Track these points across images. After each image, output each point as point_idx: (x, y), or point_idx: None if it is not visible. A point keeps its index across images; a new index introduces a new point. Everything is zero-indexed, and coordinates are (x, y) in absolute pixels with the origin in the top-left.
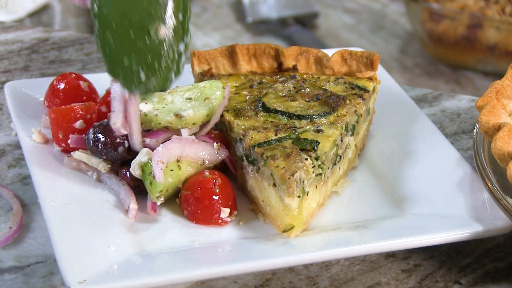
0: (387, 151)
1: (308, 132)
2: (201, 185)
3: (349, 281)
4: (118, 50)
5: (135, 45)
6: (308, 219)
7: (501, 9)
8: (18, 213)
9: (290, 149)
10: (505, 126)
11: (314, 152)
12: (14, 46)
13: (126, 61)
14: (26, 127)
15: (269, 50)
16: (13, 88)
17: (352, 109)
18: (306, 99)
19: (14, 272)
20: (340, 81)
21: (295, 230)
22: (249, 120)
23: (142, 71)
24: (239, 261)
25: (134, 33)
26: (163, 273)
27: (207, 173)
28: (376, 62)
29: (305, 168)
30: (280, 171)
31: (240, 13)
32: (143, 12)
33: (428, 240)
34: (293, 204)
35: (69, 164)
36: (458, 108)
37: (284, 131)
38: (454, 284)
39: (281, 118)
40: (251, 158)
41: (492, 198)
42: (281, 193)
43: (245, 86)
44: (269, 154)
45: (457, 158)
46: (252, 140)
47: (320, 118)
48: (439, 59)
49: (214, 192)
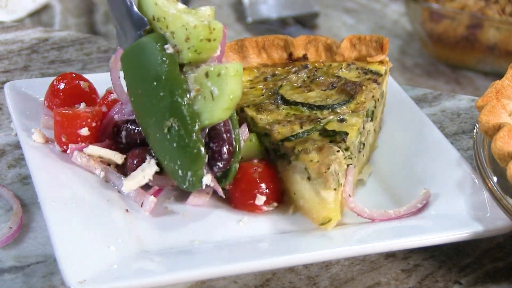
0: (387, 151)
1: (332, 122)
2: (244, 169)
3: (349, 281)
4: (159, 154)
5: (164, 146)
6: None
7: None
8: (18, 213)
9: (320, 142)
10: (505, 126)
11: (344, 143)
12: (14, 46)
13: (166, 162)
14: (26, 127)
15: (278, 41)
16: (13, 88)
17: (369, 94)
18: (322, 88)
19: (14, 272)
20: (352, 67)
21: (333, 222)
22: (271, 114)
23: (178, 168)
24: (239, 261)
25: (159, 134)
26: (163, 273)
27: (255, 160)
28: (386, 45)
29: (338, 160)
30: (315, 165)
31: (240, 13)
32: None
33: (428, 240)
34: (329, 197)
35: (78, 160)
36: (458, 108)
37: (308, 123)
38: (454, 284)
39: (303, 110)
40: (280, 152)
41: (492, 198)
42: (317, 187)
43: (259, 79)
44: (300, 149)
45: (457, 158)
46: (279, 134)
47: (341, 107)
48: (439, 59)
49: (253, 178)
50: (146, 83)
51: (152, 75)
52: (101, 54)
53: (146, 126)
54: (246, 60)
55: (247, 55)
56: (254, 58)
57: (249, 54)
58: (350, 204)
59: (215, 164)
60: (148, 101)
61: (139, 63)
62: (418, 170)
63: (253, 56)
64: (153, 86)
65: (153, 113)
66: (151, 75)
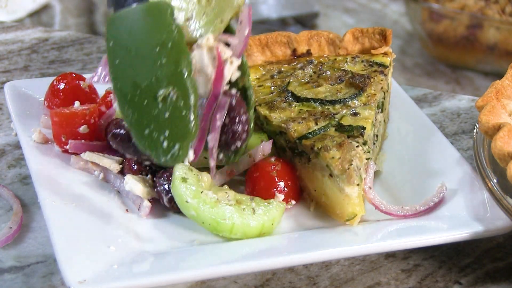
0: (386, 151)
1: (346, 116)
2: (262, 167)
3: (349, 281)
4: (138, 121)
5: (151, 113)
6: None
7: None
8: (18, 213)
9: (338, 138)
10: (505, 126)
11: (361, 138)
12: (14, 46)
13: (147, 131)
14: (26, 127)
15: (281, 38)
16: (13, 88)
17: (378, 86)
18: (330, 83)
19: (14, 272)
20: (357, 60)
21: (358, 217)
22: (284, 112)
23: (164, 139)
24: (239, 261)
25: (148, 100)
26: (163, 273)
27: (273, 159)
28: (389, 37)
29: (358, 155)
30: (337, 162)
31: None
32: (151, 77)
33: (428, 240)
34: (354, 193)
35: (76, 164)
36: (458, 108)
37: (323, 119)
38: (454, 284)
39: (315, 105)
40: (298, 150)
41: (492, 198)
42: (340, 183)
43: (266, 77)
44: (320, 146)
45: (457, 158)
46: (296, 132)
47: (352, 101)
48: (439, 59)
49: (271, 176)
50: (143, 48)
51: (156, 40)
52: (101, 54)
53: (127, 90)
54: (250, 59)
55: (251, 53)
56: (259, 56)
57: (253, 52)
58: (369, 195)
59: (233, 143)
60: (142, 66)
61: (139, 26)
62: (418, 170)
63: (258, 54)
64: (154, 52)
65: (146, 79)
66: (155, 41)
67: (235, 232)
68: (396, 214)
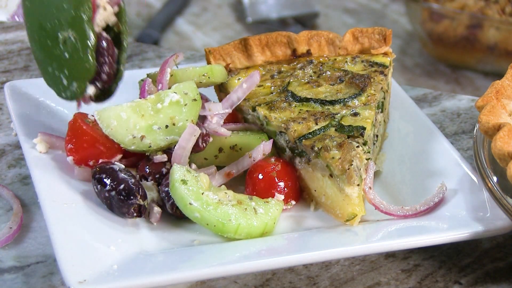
0: (386, 151)
1: (346, 117)
2: (261, 168)
3: (349, 281)
4: (43, 60)
5: (53, 53)
6: None
7: (501, 9)
8: (18, 213)
9: (339, 138)
10: (505, 126)
11: (362, 138)
12: (14, 46)
13: (50, 69)
14: (26, 127)
15: (281, 38)
16: (13, 88)
17: (378, 86)
18: (330, 83)
19: (14, 272)
20: (357, 60)
21: (358, 218)
22: (284, 112)
23: (64, 77)
24: (239, 261)
25: (51, 41)
26: (163, 273)
27: (273, 159)
28: (389, 37)
29: (359, 155)
30: (337, 162)
31: (240, 13)
32: (54, 20)
33: (428, 240)
34: (354, 193)
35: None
36: (458, 108)
37: (323, 119)
38: (454, 284)
39: (315, 106)
40: (298, 151)
41: (492, 198)
42: (340, 184)
43: (266, 77)
44: (320, 146)
45: (457, 158)
46: (296, 132)
47: (352, 101)
48: (439, 59)
49: (271, 177)
50: None
51: None
52: None
53: (34, 30)
54: (251, 59)
55: (251, 53)
56: (259, 56)
57: (254, 52)
58: (369, 195)
59: (99, 80)
60: (46, 9)
61: None
62: (418, 170)
63: (258, 54)
64: None
65: (49, 22)
66: None
67: (240, 233)
68: (396, 214)
